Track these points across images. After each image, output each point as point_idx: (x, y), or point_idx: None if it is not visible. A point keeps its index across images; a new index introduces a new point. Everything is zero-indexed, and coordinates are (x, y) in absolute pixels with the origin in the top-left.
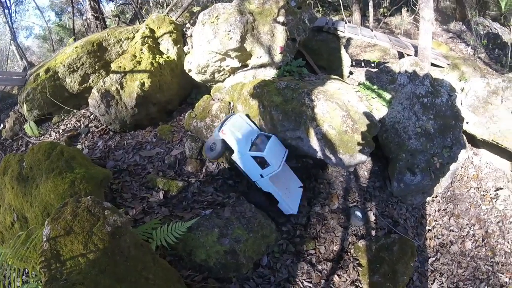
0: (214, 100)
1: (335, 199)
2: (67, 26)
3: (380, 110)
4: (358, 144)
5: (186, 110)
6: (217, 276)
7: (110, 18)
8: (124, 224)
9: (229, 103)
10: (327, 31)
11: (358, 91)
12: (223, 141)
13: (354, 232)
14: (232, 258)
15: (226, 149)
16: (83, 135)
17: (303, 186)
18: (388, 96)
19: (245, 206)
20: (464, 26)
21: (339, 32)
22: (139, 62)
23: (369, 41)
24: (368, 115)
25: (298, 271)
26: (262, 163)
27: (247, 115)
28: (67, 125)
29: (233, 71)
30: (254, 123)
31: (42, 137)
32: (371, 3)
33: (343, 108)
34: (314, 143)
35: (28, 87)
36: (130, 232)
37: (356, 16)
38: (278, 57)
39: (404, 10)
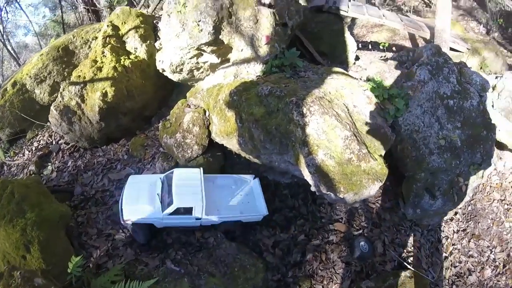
0: (189, 107)
1: (339, 226)
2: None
3: (394, 114)
4: (366, 174)
5: (166, 114)
6: None
7: (103, 10)
8: None
9: (204, 111)
10: (327, 11)
11: (367, 89)
12: (137, 225)
13: (357, 269)
14: None
15: (148, 227)
16: (54, 153)
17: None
18: (404, 96)
19: (224, 247)
20: (475, 3)
21: (341, 12)
22: (100, 69)
23: (377, 22)
24: (379, 126)
25: None
26: (185, 211)
27: (220, 132)
28: (40, 141)
29: (214, 67)
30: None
31: (16, 157)
32: None
33: (346, 126)
34: (307, 174)
35: None
36: None
37: None
38: (263, 50)
39: None
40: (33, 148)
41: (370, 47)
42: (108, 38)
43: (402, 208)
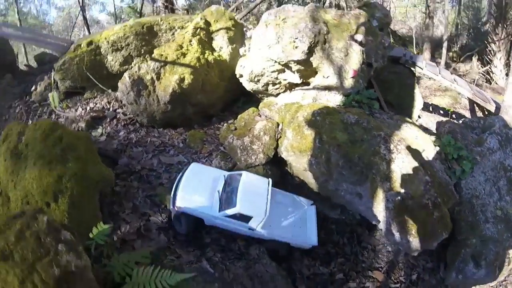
0: (260, 117)
1: (378, 275)
2: (138, 9)
3: (459, 176)
4: (437, 223)
5: (227, 119)
6: None
7: (180, 11)
8: (80, 270)
9: (278, 124)
10: (403, 64)
11: (438, 146)
12: (185, 215)
13: None
14: None
15: (195, 221)
16: (108, 119)
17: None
18: (472, 160)
19: (265, 264)
20: None
21: (417, 68)
22: (184, 55)
23: (447, 85)
24: (448, 183)
25: None
26: (243, 218)
27: (292, 148)
28: (96, 104)
29: (291, 87)
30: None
31: (67, 110)
32: (445, 44)
33: (427, 172)
34: (379, 210)
35: (66, 55)
36: (86, 281)
37: (426, 55)
38: (349, 82)
39: (475, 59)
40: (88, 108)
41: (431, 109)
42: (198, 30)
43: (441, 272)
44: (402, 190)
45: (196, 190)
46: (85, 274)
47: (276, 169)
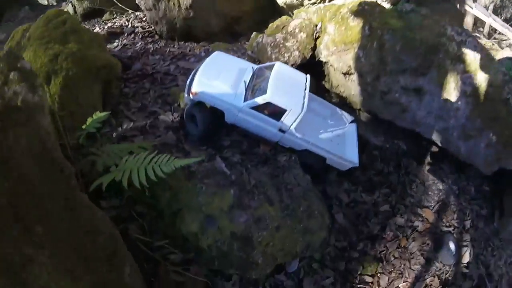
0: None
1: (428, 214)
2: None
3: None
4: None
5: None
6: (209, 265)
7: None
8: (28, 108)
9: (316, 25)
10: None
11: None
12: (202, 108)
13: (436, 272)
14: (241, 249)
15: (213, 116)
16: (126, 34)
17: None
18: None
19: (297, 175)
20: None
21: (466, 6)
22: None
23: (499, 28)
24: None
25: None
26: (273, 112)
27: (334, 43)
28: (115, 23)
29: None
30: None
31: None
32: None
33: (500, 64)
34: (448, 104)
35: None
36: (35, 126)
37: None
38: None
39: None
40: (106, 27)
41: None
42: None
43: (495, 222)
44: (480, 74)
45: (217, 77)
46: (35, 115)
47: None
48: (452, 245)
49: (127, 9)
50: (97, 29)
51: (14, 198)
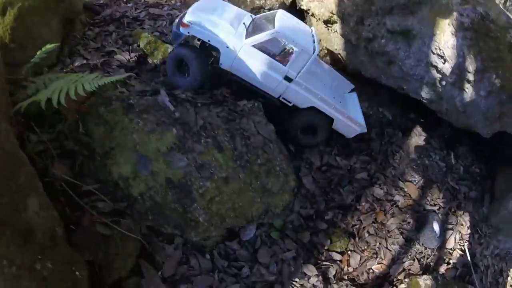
0: None
1: (411, 189)
2: None
3: None
4: None
5: None
6: (142, 219)
7: None
8: None
9: None
10: None
11: None
12: (193, 49)
13: (416, 254)
14: (178, 200)
15: (207, 58)
16: None
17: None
18: None
19: (258, 123)
20: None
21: None
22: None
23: None
24: None
25: (296, 280)
26: (280, 53)
27: None
28: None
29: None
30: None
31: None
32: None
33: None
34: (444, 41)
35: None
36: None
37: None
38: None
39: None
40: None
41: None
42: None
43: (485, 206)
44: (480, 8)
45: (213, 12)
46: None
47: None
48: (436, 226)
49: None
50: None
51: None
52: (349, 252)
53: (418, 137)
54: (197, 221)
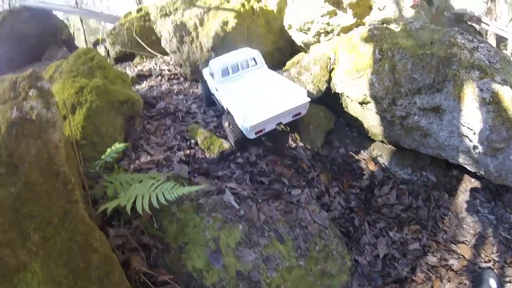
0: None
1: (464, 250)
2: None
3: None
4: None
5: None
6: None
7: None
8: (40, 122)
9: (330, 58)
10: (467, 22)
11: None
12: None
13: None
14: None
15: None
16: (154, 77)
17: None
18: None
19: (313, 210)
20: None
21: (483, 24)
22: (227, 0)
23: None
24: None
25: None
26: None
27: (347, 72)
28: (144, 66)
29: (344, 31)
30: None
31: None
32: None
33: None
34: (468, 117)
35: (117, 22)
36: (46, 139)
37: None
38: (408, 12)
39: None
40: (136, 70)
41: None
42: None
43: None
44: (498, 77)
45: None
46: (46, 130)
47: (331, 116)
48: (493, 283)
49: (156, 54)
50: (127, 72)
51: (17, 203)
52: None
53: (464, 194)
54: None
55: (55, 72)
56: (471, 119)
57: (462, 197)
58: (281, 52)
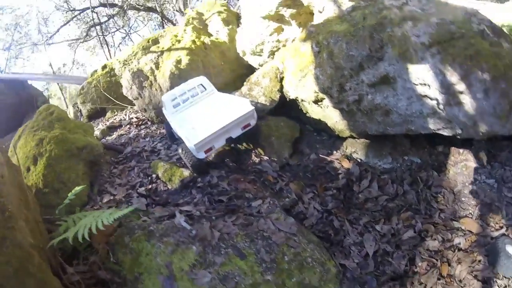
0: None
1: (469, 224)
2: None
3: None
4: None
5: None
6: None
7: None
8: None
9: (278, 68)
10: None
11: None
12: None
13: None
14: None
15: None
16: (123, 126)
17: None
18: None
19: (276, 218)
20: None
21: None
22: (179, 41)
23: None
24: None
25: None
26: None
27: (294, 75)
28: (115, 118)
29: None
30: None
31: None
32: None
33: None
34: (410, 66)
35: (85, 82)
36: None
37: None
38: (347, 4)
39: None
40: (107, 123)
41: None
42: (191, 19)
43: None
44: (434, 19)
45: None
46: None
47: (294, 125)
48: (510, 250)
49: (126, 105)
50: (100, 126)
51: None
52: None
53: (455, 167)
54: None
55: (23, 131)
56: (421, 72)
57: (454, 170)
58: (242, 80)
